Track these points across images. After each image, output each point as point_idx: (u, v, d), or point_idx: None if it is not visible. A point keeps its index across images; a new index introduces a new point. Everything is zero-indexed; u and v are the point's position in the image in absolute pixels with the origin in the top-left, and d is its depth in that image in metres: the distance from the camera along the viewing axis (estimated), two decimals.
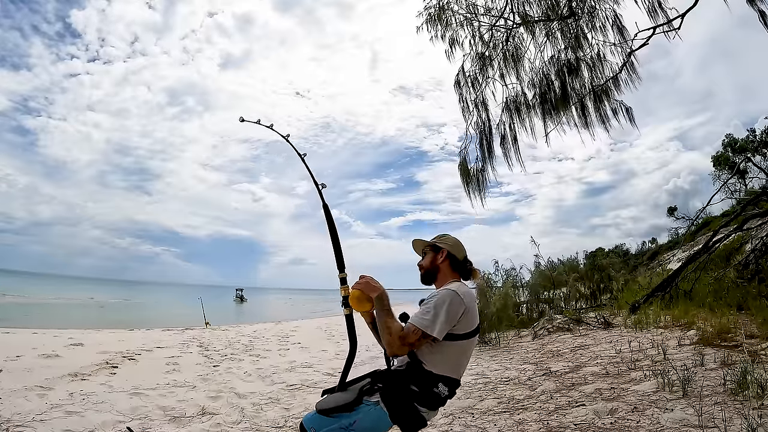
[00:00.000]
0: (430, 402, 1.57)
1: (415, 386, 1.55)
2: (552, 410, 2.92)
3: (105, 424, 2.95)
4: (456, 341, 1.57)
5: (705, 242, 6.93)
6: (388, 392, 1.54)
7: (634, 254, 22.29)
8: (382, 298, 1.57)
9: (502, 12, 5.88)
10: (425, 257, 1.80)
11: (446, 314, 1.52)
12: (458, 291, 1.59)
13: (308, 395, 3.93)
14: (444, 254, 1.75)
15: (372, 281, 1.60)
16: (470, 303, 1.60)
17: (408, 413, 1.53)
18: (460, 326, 1.56)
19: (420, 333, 1.51)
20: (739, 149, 20.11)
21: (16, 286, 37.31)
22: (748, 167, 15.52)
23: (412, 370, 1.57)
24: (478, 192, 6.31)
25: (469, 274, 1.78)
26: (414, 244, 1.88)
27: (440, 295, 1.57)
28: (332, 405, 1.53)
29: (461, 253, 1.77)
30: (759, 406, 2.34)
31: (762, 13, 4.52)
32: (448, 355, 1.57)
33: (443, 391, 1.57)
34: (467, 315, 1.57)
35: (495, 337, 6.29)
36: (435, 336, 1.51)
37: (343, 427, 1.49)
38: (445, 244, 1.77)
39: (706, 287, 5.92)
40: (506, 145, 6.19)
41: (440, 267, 1.75)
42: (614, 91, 5.70)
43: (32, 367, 4.54)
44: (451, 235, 1.82)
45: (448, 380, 1.58)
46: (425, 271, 1.78)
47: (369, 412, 1.52)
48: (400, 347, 1.52)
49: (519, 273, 8.76)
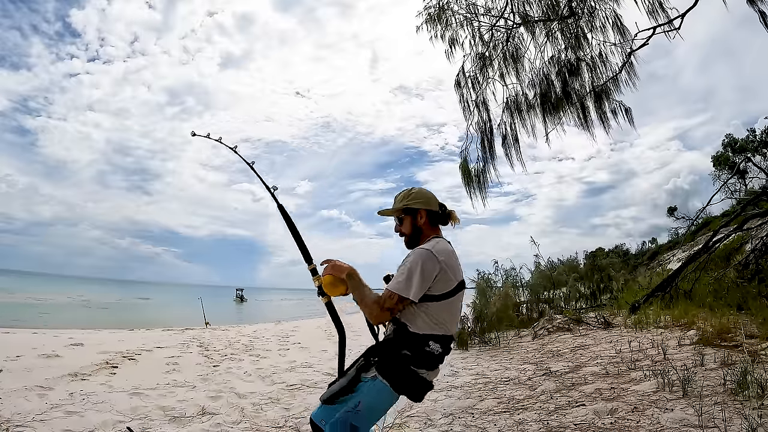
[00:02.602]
0: (426, 362, 1.54)
1: (407, 350, 1.52)
2: (552, 410, 2.92)
3: (105, 424, 2.94)
4: (435, 302, 1.54)
5: (705, 242, 6.93)
6: (383, 362, 1.52)
7: (634, 254, 22.33)
8: (353, 275, 1.59)
9: (502, 12, 5.88)
10: (403, 223, 1.72)
11: (420, 275, 1.49)
12: (433, 249, 1.54)
13: (308, 395, 3.93)
14: (422, 214, 1.69)
15: (337, 262, 1.61)
16: (447, 259, 1.55)
17: (408, 378, 1.52)
18: (438, 286, 1.53)
19: (396, 297, 1.50)
20: (739, 149, 20.13)
21: (17, 286, 37.31)
22: (748, 167, 15.53)
23: (400, 334, 1.55)
24: (479, 192, 6.32)
25: (447, 219, 1.73)
26: (383, 214, 1.78)
27: (414, 256, 1.54)
28: (334, 391, 1.53)
29: (435, 204, 1.71)
30: (759, 406, 2.34)
31: (762, 13, 4.52)
32: (430, 315, 1.54)
33: (435, 349, 1.54)
34: (445, 273, 1.53)
35: (495, 337, 6.29)
36: (411, 298, 1.49)
37: (349, 410, 1.48)
38: (418, 202, 1.69)
39: (706, 287, 5.92)
40: (507, 145, 6.20)
41: (422, 227, 1.69)
42: (614, 92, 5.71)
43: (32, 367, 4.53)
44: (417, 189, 1.74)
45: (437, 338, 1.55)
46: (408, 237, 1.71)
47: (370, 387, 1.50)
48: (380, 314, 1.52)
49: (519, 273, 8.77)
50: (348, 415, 1.48)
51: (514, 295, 8.06)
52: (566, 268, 10.20)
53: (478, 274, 8.20)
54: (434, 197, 1.73)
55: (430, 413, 3.17)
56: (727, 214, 11.23)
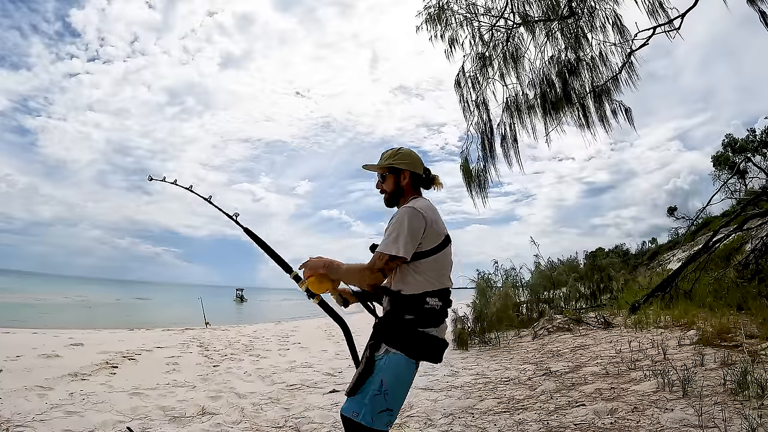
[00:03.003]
0: (430, 320, 1.54)
1: (408, 314, 1.52)
2: (552, 410, 2.92)
3: (105, 424, 2.94)
4: (426, 258, 1.54)
5: (705, 242, 6.92)
6: (389, 334, 1.53)
7: (634, 254, 22.31)
8: (332, 266, 1.58)
9: (502, 12, 5.88)
10: (386, 181, 1.72)
11: (408, 232, 1.49)
12: (416, 206, 1.56)
13: (308, 395, 3.93)
14: (406, 175, 1.70)
15: (312, 260, 1.61)
16: (431, 215, 1.57)
17: (418, 341, 1.51)
18: (427, 242, 1.54)
19: (386, 257, 1.49)
20: (739, 149, 20.14)
21: (17, 286, 37.30)
22: (748, 167, 15.51)
23: (396, 302, 1.55)
24: (480, 192, 6.33)
25: (430, 183, 1.75)
26: (368, 168, 1.78)
27: (399, 215, 1.55)
28: (356, 380, 1.52)
29: (420, 167, 1.72)
30: (759, 406, 2.34)
31: (762, 13, 4.52)
32: (421, 272, 1.54)
33: (435, 304, 1.54)
34: (430, 228, 1.54)
35: (495, 337, 6.29)
36: (402, 255, 1.48)
37: (376, 393, 1.47)
38: (404, 163, 1.70)
39: (706, 287, 5.92)
40: (506, 145, 6.20)
41: (404, 188, 1.70)
42: (614, 92, 5.71)
43: (32, 367, 4.54)
44: (403, 148, 1.75)
45: (433, 293, 1.55)
46: (389, 195, 1.72)
47: (387, 363, 1.49)
48: (372, 276, 1.52)
49: (519, 273, 8.77)
50: (377, 399, 1.46)
51: (514, 295, 8.06)
52: (566, 268, 10.18)
53: (478, 274, 8.22)
54: (420, 160, 1.74)
55: (430, 413, 3.17)
56: (727, 214, 11.22)
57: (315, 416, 3.25)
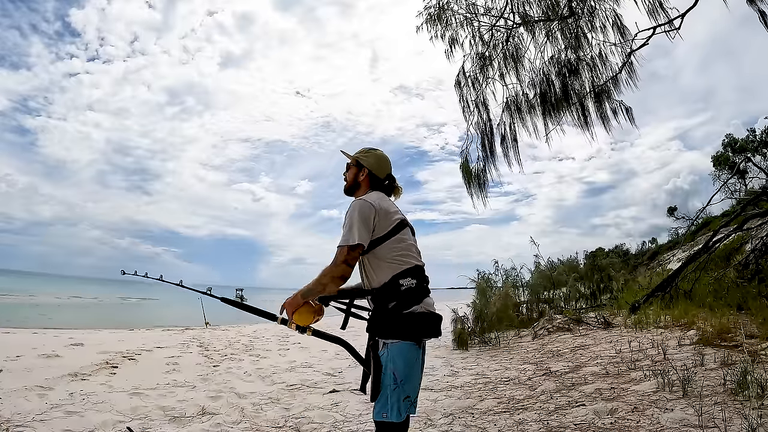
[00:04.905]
0: (410, 299, 1.57)
1: (389, 301, 1.57)
2: (552, 410, 2.92)
3: (105, 424, 2.94)
4: (383, 243, 1.60)
5: (705, 242, 6.92)
6: (380, 327, 1.57)
7: (634, 254, 22.30)
8: (304, 291, 1.61)
9: (502, 12, 5.87)
10: (349, 171, 1.83)
11: (359, 220, 1.56)
12: (365, 198, 1.65)
13: (308, 395, 3.93)
14: (365, 173, 1.78)
15: (287, 300, 1.64)
16: (380, 203, 1.64)
17: (406, 322, 1.55)
18: (379, 228, 1.59)
19: (346, 248, 1.55)
20: (739, 149, 20.15)
21: (17, 286, 37.31)
22: (748, 167, 15.50)
23: (376, 296, 1.61)
24: (480, 192, 6.33)
25: (391, 191, 1.82)
26: (343, 153, 1.89)
27: (350, 208, 1.63)
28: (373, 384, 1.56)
29: (383, 172, 1.79)
30: (759, 406, 2.34)
31: (762, 13, 4.52)
32: (383, 259, 1.60)
33: (410, 284, 1.58)
34: (381, 215, 1.60)
35: (495, 337, 6.29)
36: (358, 242, 1.54)
37: (393, 387, 1.51)
38: (368, 162, 1.78)
39: (706, 287, 5.92)
40: (506, 145, 6.20)
41: (360, 183, 1.79)
42: (614, 91, 5.71)
43: (32, 367, 4.54)
44: (378, 151, 1.82)
45: (402, 273, 1.58)
46: (347, 185, 1.83)
47: (389, 355, 1.54)
48: (338, 269, 1.55)
49: (519, 273, 8.76)
50: (396, 392, 1.51)
51: (514, 295, 8.06)
52: (566, 268, 10.18)
53: (478, 274, 8.22)
54: (387, 166, 1.81)
55: (430, 413, 3.17)
56: (727, 214, 11.21)
57: (315, 416, 3.25)
